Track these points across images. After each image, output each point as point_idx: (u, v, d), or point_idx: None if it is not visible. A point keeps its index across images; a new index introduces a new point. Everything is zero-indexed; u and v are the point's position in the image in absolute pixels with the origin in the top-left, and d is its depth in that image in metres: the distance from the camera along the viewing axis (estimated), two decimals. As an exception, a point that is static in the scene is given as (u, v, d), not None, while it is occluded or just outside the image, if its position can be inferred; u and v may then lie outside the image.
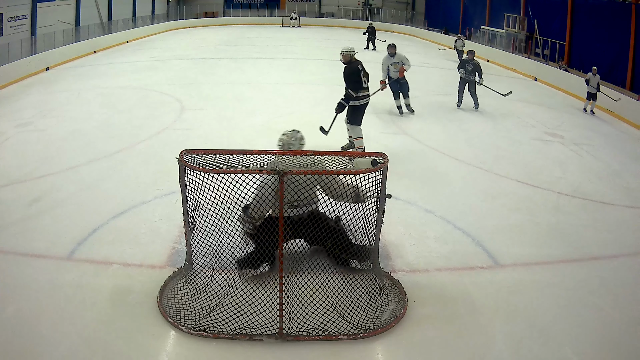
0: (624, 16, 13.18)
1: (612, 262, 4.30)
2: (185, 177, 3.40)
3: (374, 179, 3.33)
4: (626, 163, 7.12)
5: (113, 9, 22.95)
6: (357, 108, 6.17)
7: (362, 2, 32.17)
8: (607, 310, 3.56)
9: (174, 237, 4.37)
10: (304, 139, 3.98)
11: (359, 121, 6.24)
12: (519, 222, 4.95)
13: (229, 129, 7.83)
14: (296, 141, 3.92)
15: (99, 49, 17.51)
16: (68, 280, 3.73)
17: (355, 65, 6.08)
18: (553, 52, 16.80)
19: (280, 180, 3.05)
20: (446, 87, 11.97)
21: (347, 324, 3.26)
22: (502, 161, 6.73)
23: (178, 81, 11.58)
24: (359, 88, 6.03)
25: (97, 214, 4.78)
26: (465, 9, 25.00)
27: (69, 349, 3.03)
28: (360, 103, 6.14)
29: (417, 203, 5.24)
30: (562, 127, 8.87)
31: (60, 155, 6.45)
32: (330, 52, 17.52)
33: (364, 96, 6.15)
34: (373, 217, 3.45)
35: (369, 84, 6.17)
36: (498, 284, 3.88)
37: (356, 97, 6.06)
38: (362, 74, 6.06)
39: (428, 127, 8.19)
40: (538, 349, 3.17)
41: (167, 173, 5.30)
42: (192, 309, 3.35)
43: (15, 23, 16.07)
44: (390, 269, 3.98)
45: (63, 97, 10.07)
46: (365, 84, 6.09)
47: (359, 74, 6.02)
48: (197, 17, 29.54)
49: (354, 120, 6.24)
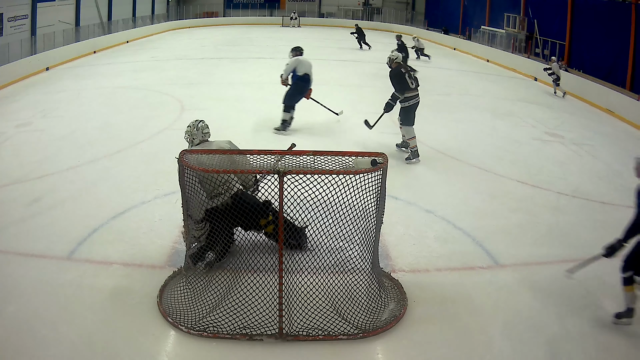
0: (624, 16, 13.18)
1: (612, 262, 4.29)
2: (185, 177, 3.40)
3: (374, 179, 3.33)
4: (626, 163, 7.08)
5: (113, 9, 22.94)
6: (406, 109, 6.39)
7: (362, 2, 32.16)
8: (607, 310, 3.56)
9: (174, 237, 4.38)
10: (207, 128, 4.00)
11: (409, 121, 6.45)
12: (519, 222, 4.95)
13: (229, 129, 7.81)
14: (198, 131, 3.95)
15: (99, 49, 17.50)
16: (68, 280, 3.73)
17: (399, 69, 6.34)
18: (553, 52, 16.80)
19: (280, 180, 3.05)
20: (446, 87, 11.98)
21: (347, 324, 3.26)
22: (502, 161, 6.74)
23: (178, 81, 11.57)
24: (405, 89, 6.25)
25: (97, 214, 4.78)
26: (465, 9, 25.00)
27: (69, 349, 3.03)
28: (409, 104, 6.36)
29: (417, 203, 5.24)
30: (562, 127, 8.87)
31: (60, 155, 6.45)
32: (330, 52, 17.55)
33: (412, 97, 6.33)
34: (373, 217, 3.45)
35: (416, 85, 6.39)
36: (498, 284, 3.88)
37: (404, 98, 6.29)
38: (408, 75, 6.31)
39: (428, 127, 8.18)
40: (538, 349, 3.17)
41: (167, 173, 5.30)
42: (192, 309, 3.35)
43: (15, 23, 16.06)
44: (390, 269, 3.98)
45: (63, 97, 10.07)
46: (412, 85, 6.31)
47: (403, 76, 6.27)
48: (197, 17, 29.52)
49: (405, 121, 6.46)
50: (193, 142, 3.96)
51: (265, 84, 11.35)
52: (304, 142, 5.62)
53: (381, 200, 3.47)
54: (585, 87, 12.03)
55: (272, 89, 10.25)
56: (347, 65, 14.91)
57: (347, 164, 3.41)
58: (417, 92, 6.40)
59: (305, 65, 7.44)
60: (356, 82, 12.02)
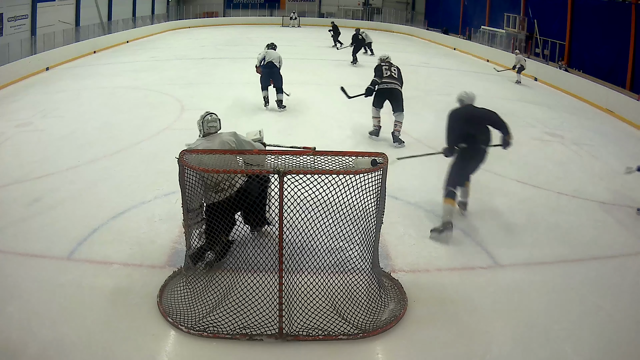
0: (624, 16, 13.19)
1: (612, 262, 4.31)
2: (185, 177, 3.40)
3: (374, 179, 3.33)
4: (626, 163, 7.09)
5: (113, 9, 22.95)
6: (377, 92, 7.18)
7: (362, 2, 32.18)
8: (607, 310, 3.57)
9: (174, 237, 4.38)
10: (215, 122, 4.04)
11: (376, 104, 7.29)
12: (519, 222, 4.95)
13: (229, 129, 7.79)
14: (204, 123, 4.01)
15: (99, 49, 17.50)
16: (68, 280, 3.73)
17: (379, 63, 7.26)
18: (553, 52, 16.81)
19: (280, 180, 3.05)
20: (446, 87, 11.97)
21: (347, 324, 3.26)
22: (502, 161, 6.72)
23: (178, 81, 11.57)
24: (381, 77, 7.07)
25: (97, 213, 4.78)
26: (465, 9, 25.01)
27: (69, 349, 3.02)
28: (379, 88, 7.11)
29: (417, 203, 5.24)
30: (562, 127, 8.87)
31: (60, 155, 6.45)
32: (330, 52, 17.54)
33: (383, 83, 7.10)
34: (373, 217, 3.45)
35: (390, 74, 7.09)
36: (498, 284, 3.88)
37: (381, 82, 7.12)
38: (385, 67, 7.13)
39: (428, 127, 8.19)
40: (538, 349, 3.17)
41: (167, 173, 5.30)
42: (192, 309, 3.35)
43: (15, 23, 16.07)
44: (390, 269, 3.98)
45: (63, 97, 10.07)
46: (386, 74, 7.05)
47: (381, 68, 7.12)
48: (197, 17, 29.53)
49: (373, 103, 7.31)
50: (200, 133, 4.04)
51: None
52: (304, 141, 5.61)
53: (381, 200, 3.47)
54: (585, 87, 12.03)
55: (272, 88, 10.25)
56: (347, 65, 14.91)
57: (347, 164, 3.41)
58: (390, 80, 7.02)
59: (271, 55, 8.83)
60: (356, 82, 12.00)
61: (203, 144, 3.90)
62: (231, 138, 3.95)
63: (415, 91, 11.16)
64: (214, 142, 3.89)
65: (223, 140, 3.91)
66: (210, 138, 3.95)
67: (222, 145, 3.86)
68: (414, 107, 9.08)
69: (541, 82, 13.82)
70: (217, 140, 3.92)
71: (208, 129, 4.00)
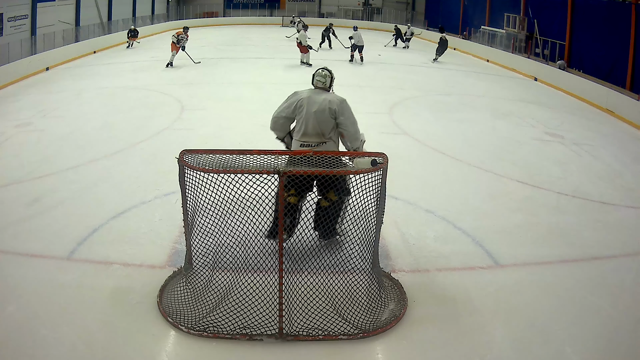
0: (624, 16, 13.18)
1: (612, 262, 4.31)
2: (185, 177, 3.40)
3: (374, 179, 3.32)
4: (626, 163, 7.12)
5: (113, 9, 22.94)
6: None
7: (362, 2, 32.16)
8: (607, 310, 3.56)
9: (174, 237, 4.37)
10: (324, 78, 4.06)
11: None
12: (519, 222, 4.95)
13: (229, 129, 7.83)
14: (322, 78, 4.05)
15: (99, 49, 17.50)
16: (68, 280, 3.72)
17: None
18: (553, 52, 16.79)
19: (280, 180, 3.05)
20: (446, 87, 11.99)
21: (347, 324, 3.26)
22: (502, 161, 6.73)
23: (178, 81, 11.58)
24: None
25: (97, 214, 4.78)
26: (465, 9, 24.99)
27: (69, 349, 3.02)
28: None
29: (417, 203, 5.24)
30: (562, 127, 8.87)
31: (60, 155, 6.45)
32: (330, 52, 17.54)
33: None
34: (373, 217, 3.45)
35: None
36: (498, 284, 3.88)
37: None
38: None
39: (428, 127, 8.19)
40: (538, 349, 3.17)
41: (167, 173, 5.30)
42: (192, 309, 3.35)
43: (15, 23, 16.06)
44: (390, 269, 3.98)
45: (63, 97, 10.07)
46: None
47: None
48: (197, 17, 29.50)
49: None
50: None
51: (265, 84, 11.36)
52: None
53: (381, 200, 3.47)
54: (585, 87, 12.02)
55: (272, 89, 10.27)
56: (347, 65, 14.92)
57: (347, 164, 3.42)
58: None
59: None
60: (355, 82, 12.01)
61: (306, 93, 3.97)
62: (336, 102, 3.89)
63: (415, 91, 11.17)
64: (319, 97, 3.91)
65: (327, 99, 3.89)
66: (317, 92, 4.00)
67: (322, 103, 3.86)
68: (414, 107, 9.10)
69: (541, 82, 13.81)
70: (322, 96, 3.93)
71: (316, 82, 4.05)
